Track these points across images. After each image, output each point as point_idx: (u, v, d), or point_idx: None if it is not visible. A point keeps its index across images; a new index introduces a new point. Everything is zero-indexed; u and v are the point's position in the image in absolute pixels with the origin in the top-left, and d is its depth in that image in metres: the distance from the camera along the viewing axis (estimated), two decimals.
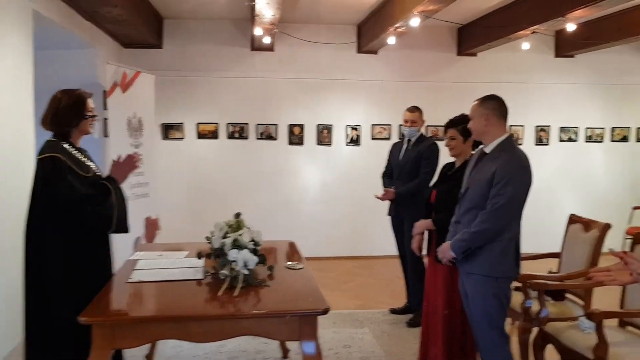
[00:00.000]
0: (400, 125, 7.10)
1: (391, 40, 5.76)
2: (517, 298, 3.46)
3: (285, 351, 3.96)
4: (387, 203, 4.94)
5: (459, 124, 3.48)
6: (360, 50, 7.04)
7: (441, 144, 4.89)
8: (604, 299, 3.92)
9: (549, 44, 7.35)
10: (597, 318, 2.73)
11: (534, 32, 5.56)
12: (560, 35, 7.13)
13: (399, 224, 4.85)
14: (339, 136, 7.14)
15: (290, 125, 7.03)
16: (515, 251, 2.94)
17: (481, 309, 2.95)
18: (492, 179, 2.86)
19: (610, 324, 3.03)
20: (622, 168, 7.67)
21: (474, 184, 2.97)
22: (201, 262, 3.17)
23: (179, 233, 5.72)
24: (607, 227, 3.58)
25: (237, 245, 2.90)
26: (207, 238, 3.08)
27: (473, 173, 3.03)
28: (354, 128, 7.14)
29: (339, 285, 5.96)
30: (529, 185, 2.90)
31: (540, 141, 7.49)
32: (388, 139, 7.17)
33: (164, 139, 6.84)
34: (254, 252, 2.95)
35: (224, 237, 2.97)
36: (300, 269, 3.17)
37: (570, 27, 5.05)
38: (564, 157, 7.54)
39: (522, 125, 7.43)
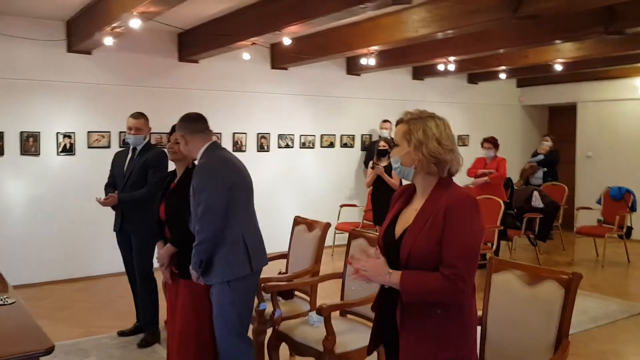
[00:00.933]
0: (122, 132, 6.73)
1: (108, 40, 5.34)
2: None
3: None
4: (111, 218, 4.57)
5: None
6: (70, 49, 6.38)
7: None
8: (326, 293, 4.28)
9: (266, 56, 7.76)
10: (325, 312, 2.92)
11: (253, 43, 5.78)
12: (275, 48, 7.58)
13: (126, 239, 4.52)
14: (49, 145, 6.35)
15: None
16: (244, 251, 3.00)
17: (219, 316, 2.97)
18: (194, 190, 2.99)
19: (334, 315, 3.29)
20: (330, 171, 8.54)
21: (190, 198, 3.06)
22: None
23: None
24: (327, 225, 3.89)
25: None
26: None
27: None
28: (67, 136, 6.44)
29: (56, 314, 5.28)
30: (223, 187, 2.97)
31: (262, 147, 7.86)
32: (108, 147, 6.66)
33: None
34: None
35: None
36: (12, 303, 2.67)
37: (286, 40, 5.40)
38: (283, 162, 8.05)
39: (245, 133, 7.69)
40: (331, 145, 8.59)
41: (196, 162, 3.14)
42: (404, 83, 9.24)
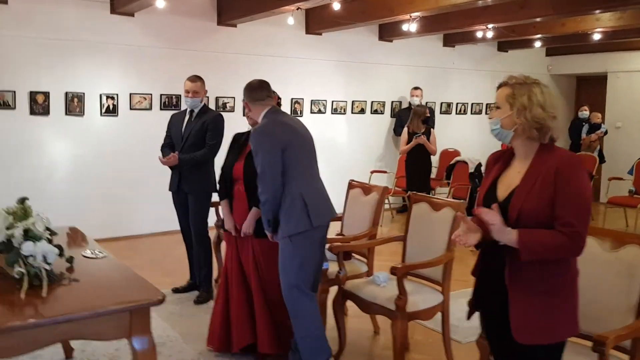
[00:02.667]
0: (163, 94, 6.82)
1: (160, 3, 5.35)
2: None
3: (69, 350, 3.48)
4: (152, 179, 4.68)
5: None
6: (114, 10, 6.40)
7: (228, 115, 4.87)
8: (382, 256, 4.42)
9: (301, 21, 7.74)
10: (400, 272, 3.04)
11: (298, 8, 5.78)
12: (310, 13, 7.55)
13: (183, 198, 4.64)
14: (93, 106, 6.44)
15: (32, 92, 6.07)
16: (303, 207, 3.11)
17: (282, 270, 3.13)
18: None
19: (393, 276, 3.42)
20: (360, 137, 8.61)
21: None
22: None
23: None
24: (386, 190, 4.00)
25: (30, 236, 2.42)
26: None
27: None
28: (110, 97, 6.52)
29: None
30: (276, 148, 3.10)
31: (295, 112, 7.91)
32: (149, 109, 6.75)
33: None
34: (49, 242, 2.50)
35: (9, 227, 2.44)
36: (104, 257, 2.80)
37: (336, 5, 5.40)
38: (315, 128, 8.02)
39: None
40: (362, 111, 8.63)
41: None
42: (435, 50, 9.21)
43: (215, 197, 4.71)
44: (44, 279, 2.28)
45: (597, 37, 7.59)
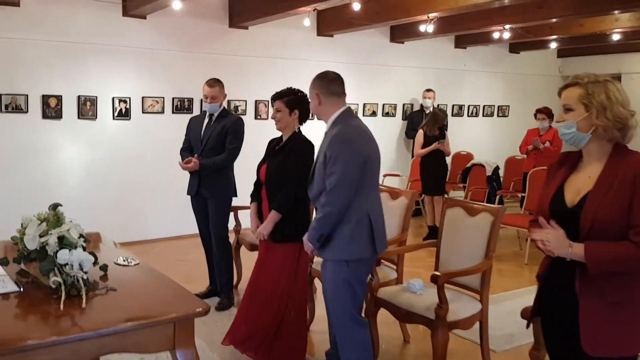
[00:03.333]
0: (175, 98, 6.73)
1: (176, 4, 5.24)
2: None
3: None
4: (164, 183, 4.56)
5: (285, 96, 3.39)
6: (126, 13, 6.30)
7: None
8: (411, 262, 4.32)
9: (312, 23, 7.63)
10: (441, 280, 2.94)
11: (315, 9, 5.69)
12: (322, 15, 7.46)
13: (202, 203, 4.53)
14: (105, 109, 6.33)
15: (44, 95, 5.97)
16: (369, 230, 2.82)
17: (333, 295, 2.89)
18: (326, 158, 2.81)
19: (428, 283, 3.32)
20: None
21: (317, 167, 2.90)
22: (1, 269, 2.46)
23: None
24: (415, 194, 3.90)
25: (65, 244, 2.31)
26: (14, 238, 2.40)
27: (316, 157, 2.97)
28: (123, 100, 6.42)
29: None
30: (359, 159, 2.78)
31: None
32: (162, 112, 6.66)
33: None
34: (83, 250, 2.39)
35: (42, 235, 2.34)
36: (137, 264, 2.70)
37: (356, 6, 5.31)
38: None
39: None
40: (373, 114, 8.54)
41: (326, 128, 2.95)
42: (446, 52, 9.13)
43: (235, 201, 4.65)
44: (81, 288, 2.17)
45: (615, 37, 7.50)
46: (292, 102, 3.34)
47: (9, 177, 5.84)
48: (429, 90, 8.39)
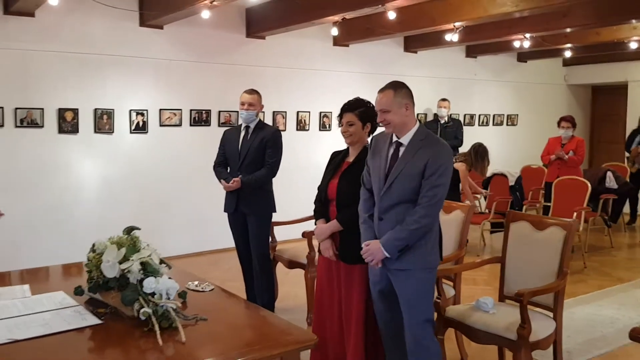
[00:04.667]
0: (192, 110, 6.56)
1: (205, 14, 5.07)
2: None
3: None
4: (182, 199, 4.32)
5: (357, 107, 3.22)
6: (143, 23, 6.12)
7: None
8: (466, 280, 4.18)
9: (328, 33, 7.52)
10: (526, 298, 2.80)
11: (344, 18, 5.57)
12: (339, 25, 7.32)
13: (241, 219, 4.34)
14: (122, 122, 6.13)
15: (61, 109, 5.75)
16: (439, 240, 2.90)
17: (422, 304, 2.81)
18: (424, 171, 2.71)
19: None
20: None
21: (402, 178, 2.76)
22: (68, 298, 2.27)
23: None
24: (472, 208, 3.76)
25: (149, 270, 2.13)
26: (89, 265, 2.21)
27: (396, 165, 2.81)
28: (140, 113, 6.21)
29: None
30: (451, 172, 2.85)
31: (324, 127, 7.68)
32: (179, 125, 6.47)
33: None
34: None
35: (122, 261, 2.15)
36: (212, 290, 2.51)
37: (391, 14, 5.20)
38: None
39: (308, 111, 7.50)
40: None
41: (402, 138, 2.81)
42: (457, 61, 9.08)
43: (275, 217, 4.48)
44: (175, 320, 1.98)
45: (634, 45, 7.49)
46: (364, 114, 3.19)
47: (26, 194, 5.60)
48: (444, 99, 8.30)
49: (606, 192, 6.95)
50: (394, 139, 2.88)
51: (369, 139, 3.10)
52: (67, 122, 5.77)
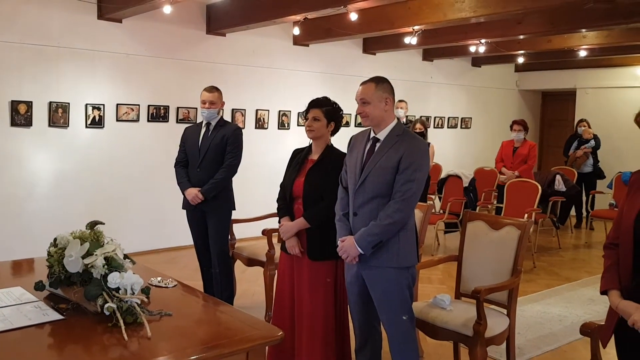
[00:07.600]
0: (150, 105, 6.46)
1: (167, 9, 5.01)
2: None
3: None
4: (137, 195, 4.27)
5: (325, 105, 3.27)
6: (101, 16, 5.99)
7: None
8: (422, 278, 4.27)
9: (289, 32, 7.55)
10: (482, 295, 2.90)
11: (305, 17, 5.60)
12: (300, 24, 7.34)
13: (199, 216, 4.31)
14: (78, 117, 5.98)
15: (13, 101, 5.57)
16: (415, 239, 2.90)
17: (397, 302, 2.82)
18: (398, 166, 2.74)
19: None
20: (345, 149, 8.46)
21: (376, 172, 2.79)
22: (27, 294, 2.22)
23: None
24: (431, 207, 3.86)
25: (114, 266, 2.11)
26: (50, 260, 2.17)
27: (371, 159, 2.85)
28: (97, 107, 6.08)
29: None
30: (427, 170, 2.88)
31: (283, 125, 7.70)
32: (137, 120, 6.37)
33: None
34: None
35: (85, 256, 2.13)
36: (175, 286, 2.51)
37: (353, 16, 5.26)
38: (302, 140, 7.87)
39: (267, 110, 7.50)
40: (347, 124, 8.50)
41: (379, 134, 2.83)
42: (414, 64, 9.25)
43: (233, 214, 4.47)
44: (140, 315, 1.97)
45: (582, 53, 7.81)
46: (330, 112, 3.22)
47: None
48: (401, 101, 8.40)
49: (555, 194, 7.22)
50: (372, 135, 2.91)
51: (349, 139, 3.08)
52: (21, 115, 5.60)
